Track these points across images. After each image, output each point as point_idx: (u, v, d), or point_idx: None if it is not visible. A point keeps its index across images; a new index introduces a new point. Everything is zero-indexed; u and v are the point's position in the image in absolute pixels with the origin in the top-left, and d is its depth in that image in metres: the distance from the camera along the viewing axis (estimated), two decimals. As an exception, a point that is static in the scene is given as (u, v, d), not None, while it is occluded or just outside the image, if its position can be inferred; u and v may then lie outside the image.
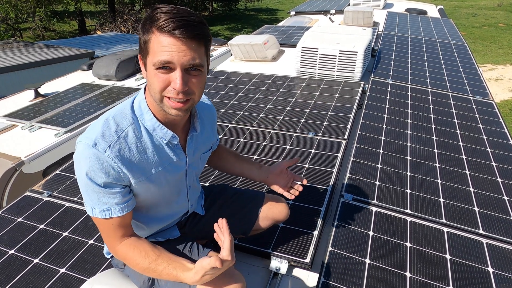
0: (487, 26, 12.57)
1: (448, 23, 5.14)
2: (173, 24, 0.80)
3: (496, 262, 1.36)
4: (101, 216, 0.92)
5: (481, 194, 1.73)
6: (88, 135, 0.88)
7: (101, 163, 0.87)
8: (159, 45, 0.82)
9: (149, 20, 0.84)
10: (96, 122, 0.92)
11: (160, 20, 0.81)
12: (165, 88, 0.86)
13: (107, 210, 0.92)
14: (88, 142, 0.87)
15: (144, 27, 0.86)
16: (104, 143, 0.87)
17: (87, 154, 0.86)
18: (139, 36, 0.89)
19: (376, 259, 1.35)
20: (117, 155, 0.88)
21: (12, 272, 1.40)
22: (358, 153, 1.98)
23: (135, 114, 0.94)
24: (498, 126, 2.38)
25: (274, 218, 1.31)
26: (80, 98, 3.60)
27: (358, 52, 2.96)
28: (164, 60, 0.82)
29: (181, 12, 0.83)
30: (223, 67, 3.79)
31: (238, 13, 18.09)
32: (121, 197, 0.93)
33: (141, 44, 0.87)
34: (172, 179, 1.04)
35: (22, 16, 11.62)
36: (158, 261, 0.92)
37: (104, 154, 0.86)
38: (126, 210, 0.94)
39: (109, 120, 0.91)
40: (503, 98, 6.83)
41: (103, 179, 0.88)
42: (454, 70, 3.32)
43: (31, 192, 1.87)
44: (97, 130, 0.89)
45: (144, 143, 0.94)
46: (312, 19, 6.05)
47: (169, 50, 0.82)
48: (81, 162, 0.87)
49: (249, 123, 2.41)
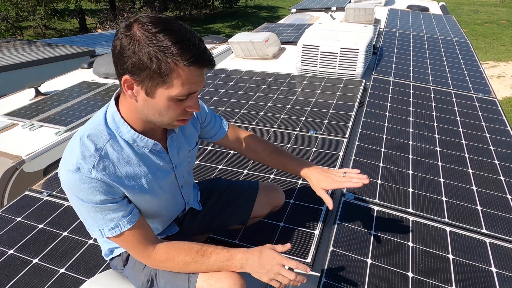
0: (489, 23, 12.50)
1: (450, 20, 5.10)
2: (200, 58, 0.79)
3: (500, 262, 1.35)
4: (112, 234, 0.90)
5: (484, 193, 1.71)
6: (68, 161, 0.84)
7: (91, 185, 0.84)
8: (186, 78, 0.80)
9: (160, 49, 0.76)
10: (71, 146, 0.87)
11: (187, 55, 0.77)
12: (180, 114, 0.87)
13: (116, 226, 0.89)
14: (70, 168, 0.83)
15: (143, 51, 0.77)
16: (87, 165, 0.83)
17: (74, 181, 0.83)
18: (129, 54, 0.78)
19: (378, 259, 1.34)
20: (104, 173, 0.85)
21: (11, 272, 1.39)
22: (360, 151, 1.96)
23: (110, 128, 0.89)
24: (501, 124, 2.36)
25: (271, 204, 1.33)
26: (80, 96, 3.59)
27: (359, 50, 2.94)
28: (192, 91, 0.82)
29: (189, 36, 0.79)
30: (224, 65, 3.77)
31: (239, 10, 18.03)
32: (125, 208, 0.90)
33: (145, 69, 0.78)
34: (165, 184, 1.02)
35: (23, 15, 11.61)
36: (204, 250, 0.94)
37: (91, 176, 0.83)
38: (134, 220, 0.92)
39: (85, 140, 0.86)
40: (506, 95, 6.79)
41: (100, 197, 0.86)
42: (456, 68, 3.29)
43: (31, 192, 1.87)
44: (76, 154, 0.85)
45: (127, 155, 0.91)
46: (313, 17, 6.02)
47: (197, 80, 0.81)
48: (72, 190, 0.85)
49: (250, 122, 2.40)
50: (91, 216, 0.88)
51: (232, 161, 1.99)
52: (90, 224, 0.90)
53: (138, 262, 1.08)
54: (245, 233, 1.50)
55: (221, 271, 0.97)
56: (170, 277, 1.03)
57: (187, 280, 1.00)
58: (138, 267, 1.08)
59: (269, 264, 0.92)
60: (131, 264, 1.10)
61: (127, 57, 0.78)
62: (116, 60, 0.81)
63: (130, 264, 1.10)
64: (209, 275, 0.98)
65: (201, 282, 0.98)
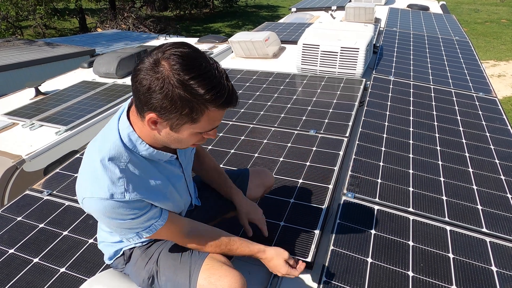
0: (489, 22, 12.48)
1: (451, 19, 5.10)
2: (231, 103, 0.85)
3: (500, 261, 1.35)
4: (148, 234, 0.96)
5: (484, 192, 1.71)
6: (97, 190, 0.85)
7: (127, 207, 0.88)
8: (214, 117, 0.85)
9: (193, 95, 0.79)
10: (91, 171, 0.87)
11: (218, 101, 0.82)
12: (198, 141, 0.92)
13: (152, 228, 0.96)
14: (103, 196, 0.85)
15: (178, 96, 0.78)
16: (119, 189, 0.86)
17: (109, 207, 0.86)
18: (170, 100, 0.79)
19: (378, 258, 1.34)
20: (135, 193, 0.89)
21: (11, 272, 1.39)
22: (360, 151, 1.96)
23: (127, 147, 0.91)
24: (502, 123, 2.36)
25: (263, 185, 1.41)
26: (81, 96, 3.59)
27: (359, 49, 2.94)
28: (217, 126, 0.89)
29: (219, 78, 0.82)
30: (224, 65, 3.77)
31: (239, 10, 18.01)
32: (156, 211, 0.96)
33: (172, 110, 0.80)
34: (180, 188, 1.07)
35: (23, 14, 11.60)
36: (232, 242, 1.08)
37: (125, 199, 0.87)
38: (166, 217, 0.98)
39: (107, 164, 0.87)
40: (506, 94, 6.79)
41: (136, 213, 0.91)
42: (457, 67, 3.29)
43: (31, 191, 1.87)
44: (103, 180, 0.85)
45: (147, 169, 0.95)
46: (313, 16, 6.02)
47: (222, 118, 0.89)
48: (107, 215, 0.87)
49: (250, 121, 2.39)
50: (128, 227, 0.93)
51: (233, 160, 1.99)
52: (126, 233, 0.95)
53: (140, 259, 1.09)
54: (244, 232, 1.49)
55: (222, 270, 0.99)
56: (171, 275, 1.03)
57: (188, 278, 1.00)
58: (140, 263, 1.08)
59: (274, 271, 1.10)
60: (133, 261, 1.10)
61: (156, 98, 0.79)
62: (141, 97, 0.81)
63: (132, 261, 1.11)
64: (210, 273, 0.99)
65: (202, 280, 0.98)
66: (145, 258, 1.08)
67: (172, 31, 12.75)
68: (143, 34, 9.74)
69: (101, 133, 0.94)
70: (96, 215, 0.89)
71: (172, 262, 1.06)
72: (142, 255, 1.09)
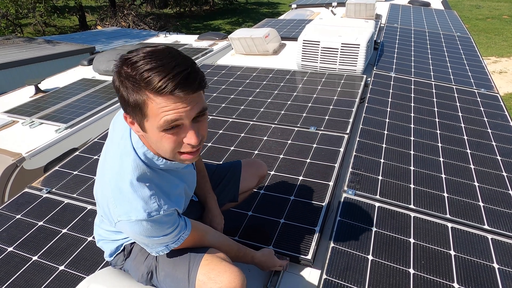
0: (491, 18, 12.42)
1: (452, 15, 5.07)
2: (171, 84, 0.73)
3: (502, 258, 1.34)
4: (176, 246, 0.98)
5: (486, 188, 1.70)
6: (134, 212, 0.85)
7: (164, 222, 0.89)
8: (159, 107, 0.75)
9: (132, 80, 0.74)
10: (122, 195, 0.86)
11: (153, 83, 0.72)
12: (178, 147, 0.83)
13: (179, 239, 0.97)
14: (141, 217, 0.85)
15: (126, 87, 0.75)
16: (154, 206, 0.87)
17: (149, 226, 0.87)
18: (120, 93, 0.78)
19: (379, 256, 1.33)
20: (167, 205, 0.89)
21: (11, 270, 1.39)
22: (361, 147, 1.95)
23: (147, 164, 0.91)
24: (503, 119, 2.34)
25: (257, 174, 1.41)
26: (80, 93, 3.58)
27: (360, 45, 2.92)
28: (172, 120, 0.76)
29: (165, 60, 0.74)
30: (224, 61, 3.76)
31: (239, 7, 17.95)
32: (182, 222, 0.97)
33: (129, 105, 0.78)
34: (191, 186, 1.11)
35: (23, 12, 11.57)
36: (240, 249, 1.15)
37: (161, 214, 0.88)
38: (190, 226, 1.00)
39: (136, 184, 0.87)
40: (508, 91, 6.76)
41: (170, 228, 0.92)
42: (458, 63, 3.27)
43: (30, 189, 1.86)
44: (136, 201, 0.85)
45: (167, 179, 0.96)
46: (313, 12, 5.99)
47: (174, 108, 0.75)
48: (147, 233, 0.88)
49: (250, 118, 2.38)
50: (161, 242, 0.94)
51: (233, 157, 1.98)
52: (156, 247, 0.96)
53: (140, 254, 1.09)
54: (245, 230, 1.49)
55: (221, 265, 0.99)
56: (170, 270, 1.03)
57: (187, 273, 1.00)
58: (140, 258, 1.08)
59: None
60: (133, 256, 1.10)
61: (118, 95, 0.80)
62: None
63: (132, 256, 1.10)
64: (210, 268, 0.98)
65: (201, 275, 0.98)
66: (145, 253, 1.08)
67: (172, 29, 12.72)
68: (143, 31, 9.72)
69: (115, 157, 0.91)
70: (133, 235, 0.90)
71: (171, 258, 1.05)
72: (142, 250, 1.09)
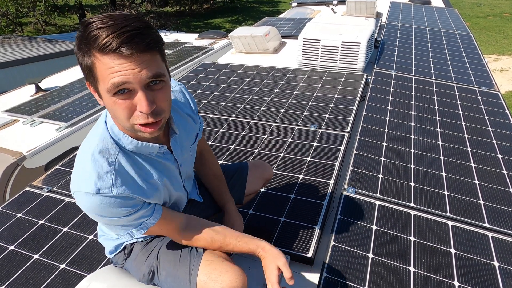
0: (492, 16, 12.38)
1: (453, 13, 5.05)
2: (116, 41, 0.69)
3: (502, 256, 1.34)
4: (140, 233, 0.94)
5: (486, 187, 1.70)
6: (84, 183, 0.82)
7: (114, 203, 0.83)
8: (106, 68, 0.71)
9: (85, 41, 0.71)
10: (81, 164, 0.84)
11: (99, 40, 0.69)
12: (131, 114, 0.77)
13: (143, 226, 0.93)
14: (90, 190, 0.81)
15: (81, 50, 0.73)
16: (106, 184, 0.82)
17: (96, 203, 0.82)
18: (78, 60, 0.76)
19: (379, 254, 1.33)
20: (124, 188, 0.84)
21: (12, 268, 1.39)
22: (361, 146, 1.95)
23: (115, 140, 0.86)
24: (504, 117, 2.34)
25: (262, 177, 1.39)
26: (81, 92, 3.58)
27: (361, 43, 2.91)
28: (118, 82, 0.71)
29: (118, 21, 0.71)
30: (224, 60, 3.75)
31: (240, 5, 17.92)
32: (147, 209, 0.92)
33: (85, 71, 0.76)
34: (174, 182, 1.04)
35: (23, 11, 11.58)
36: (227, 241, 1.01)
37: (112, 194, 0.82)
38: (158, 216, 0.94)
39: (97, 157, 0.83)
40: (509, 89, 6.75)
41: (124, 210, 0.86)
42: (459, 61, 3.26)
43: (31, 188, 1.86)
44: (90, 174, 0.81)
45: (138, 164, 0.90)
46: (314, 10, 5.98)
47: (121, 70, 0.71)
48: (95, 211, 0.83)
49: (250, 116, 2.38)
50: (119, 225, 0.90)
51: (233, 156, 1.98)
52: (118, 231, 0.93)
53: (140, 254, 1.09)
54: (246, 228, 1.49)
55: (223, 265, 0.98)
56: (171, 269, 1.03)
57: (188, 273, 1.00)
58: (141, 258, 1.08)
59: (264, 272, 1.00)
60: (133, 256, 1.10)
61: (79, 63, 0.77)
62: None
63: (132, 256, 1.10)
64: (211, 268, 0.98)
65: (202, 275, 0.98)
66: (146, 253, 1.08)
67: (173, 27, 12.71)
68: (143, 30, 9.68)
69: (92, 129, 0.91)
70: (86, 210, 0.84)
71: (172, 257, 1.05)
72: (142, 250, 1.09)
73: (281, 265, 0.95)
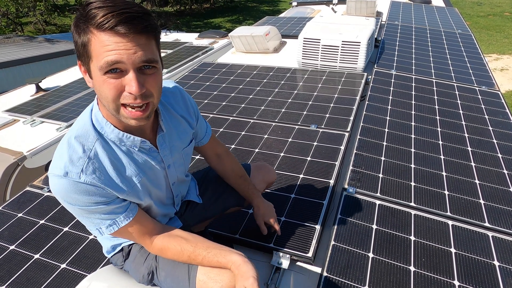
0: (492, 15, 12.37)
1: (453, 12, 5.05)
2: (114, 19, 0.71)
3: (502, 256, 1.34)
4: (110, 232, 0.89)
5: (486, 186, 1.70)
6: (56, 165, 0.81)
7: (81, 190, 0.81)
8: (102, 45, 0.72)
9: (83, 19, 0.73)
10: (59, 149, 0.83)
11: (97, 17, 0.71)
12: (119, 95, 0.77)
13: (113, 223, 0.89)
14: (59, 173, 0.79)
15: (78, 28, 0.74)
16: (76, 169, 0.80)
17: (63, 186, 0.80)
18: (74, 39, 0.77)
19: (380, 253, 1.33)
20: (94, 176, 0.82)
21: (12, 268, 1.39)
22: (361, 145, 1.95)
23: (96, 128, 0.84)
24: (505, 116, 2.34)
25: (265, 181, 1.37)
26: (81, 92, 3.58)
27: (361, 43, 2.91)
28: (112, 61, 0.72)
29: (119, 4, 0.73)
30: (224, 60, 3.75)
31: (240, 4, 17.92)
32: (119, 206, 0.88)
33: (79, 48, 0.76)
34: (157, 183, 1.00)
35: (23, 10, 11.58)
36: (196, 252, 0.94)
37: (80, 180, 0.80)
38: (131, 215, 0.91)
39: (72, 142, 0.82)
40: (509, 88, 6.74)
41: (91, 200, 0.83)
42: (459, 60, 3.26)
43: (32, 187, 1.87)
44: (63, 157, 0.81)
45: (116, 156, 0.87)
46: (314, 10, 5.98)
47: (116, 48, 0.72)
48: (61, 195, 0.81)
49: (251, 116, 2.38)
50: (86, 217, 0.87)
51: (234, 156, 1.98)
52: (87, 224, 0.90)
53: (139, 255, 1.08)
54: (245, 228, 1.49)
55: None
56: (170, 269, 1.03)
57: (187, 273, 1.00)
58: (139, 260, 1.08)
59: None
60: (132, 257, 1.10)
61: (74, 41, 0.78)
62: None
63: (131, 257, 1.10)
64: (210, 268, 0.98)
65: (201, 275, 0.98)
66: (144, 254, 1.08)
67: (173, 27, 12.70)
68: (143, 29, 9.68)
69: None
70: (54, 195, 0.82)
71: None
72: (140, 251, 1.08)
73: (248, 286, 0.86)
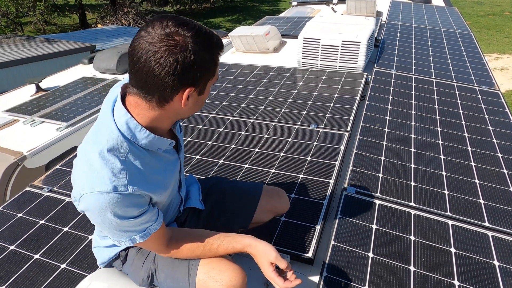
0: (492, 14, 12.36)
1: (453, 12, 5.05)
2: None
3: (502, 255, 1.34)
4: (143, 240, 0.91)
5: (486, 186, 1.70)
6: (97, 183, 0.79)
7: (130, 201, 0.82)
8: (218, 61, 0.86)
9: (210, 43, 0.81)
10: (88, 164, 0.81)
11: (220, 44, 0.84)
12: None
13: (147, 233, 0.91)
14: (106, 189, 0.79)
15: (206, 50, 0.80)
16: (122, 181, 0.81)
17: (111, 201, 0.80)
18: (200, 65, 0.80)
19: (380, 253, 1.33)
20: (137, 187, 0.84)
21: (12, 268, 1.39)
22: (361, 145, 1.95)
23: (126, 137, 0.84)
24: (505, 116, 2.34)
25: (274, 211, 1.29)
26: (81, 92, 3.58)
27: (361, 42, 2.91)
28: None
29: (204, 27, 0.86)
30: (224, 59, 3.75)
31: (240, 4, 17.91)
32: (153, 213, 0.91)
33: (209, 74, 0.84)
34: (176, 176, 1.04)
35: (23, 10, 11.58)
36: (211, 242, 0.99)
37: (129, 192, 0.82)
38: (161, 221, 0.94)
39: (106, 156, 0.81)
40: (509, 88, 6.74)
41: (137, 211, 0.85)
42: (459, 60, 3.26)
43: (32, 187, 1.87)
44: (103, 172, 0.80)
45: (147, 160, 0.90)
46: (314, 9, 5.97)
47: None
48: (108, 210, 0.81)
49: (251, 116, 2.38)
50: (124, 230, 0.87)
51: (233, 156, 1.98)
52: (120, 236, 0.89)
53: (136, 259, 1.08)
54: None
55: (222, 264, 0.98)
56: (170, 271, 1.03)
57: (187, 273, 1.00)
58: (137, 263, 1.08)
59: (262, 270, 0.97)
60: (129, 261, 1.10)
61: (191, 69, 0.78)
62: (170, 77, 0.77)
63: (128, 261, 1.10)
64: (210, 267, 0.98)
65: (201, 274, 0.98)
66: (142, 257, 1.07)
67: (173, 27, 12.67)
68: (143, 29, 9.68)
69: (93, 128, 0.88)
70: (96, 212, 0.81)
71: (170, 259, 1.05)
72: (138, 255, 1.08)
73: (273, 259, 0.94)
